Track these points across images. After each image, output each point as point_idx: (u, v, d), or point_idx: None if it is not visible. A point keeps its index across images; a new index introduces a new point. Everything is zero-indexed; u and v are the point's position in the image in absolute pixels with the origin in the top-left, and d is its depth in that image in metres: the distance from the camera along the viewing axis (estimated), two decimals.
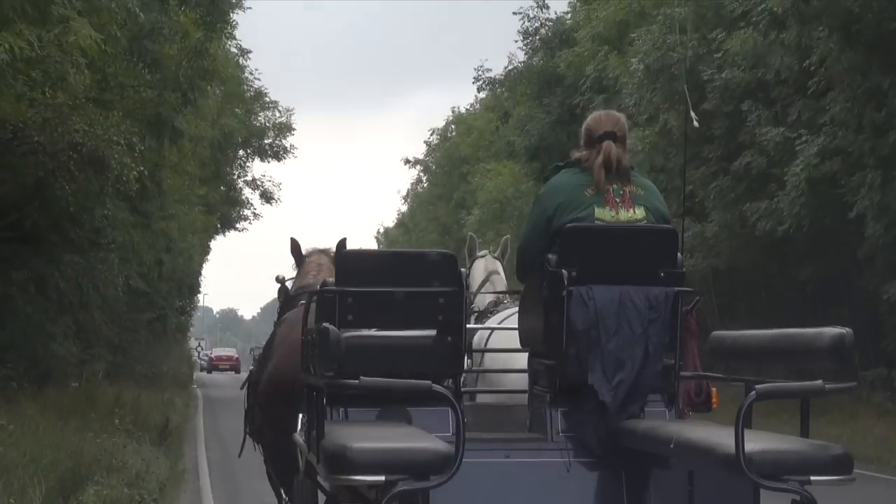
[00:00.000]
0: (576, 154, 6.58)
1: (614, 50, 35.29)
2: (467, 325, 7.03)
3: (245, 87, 50.71)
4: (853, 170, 24.86)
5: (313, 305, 6.92)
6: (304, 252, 9.90)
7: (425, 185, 79.79)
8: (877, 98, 23.44)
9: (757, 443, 4.88)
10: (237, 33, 43.70)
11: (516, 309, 7.69)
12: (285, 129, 56.71)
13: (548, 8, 42.18)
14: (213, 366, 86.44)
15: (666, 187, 33.90)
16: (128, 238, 22.62)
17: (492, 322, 9.32)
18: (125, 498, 14.05)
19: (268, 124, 55.77)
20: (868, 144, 24.18)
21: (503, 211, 50.00)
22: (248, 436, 9.68)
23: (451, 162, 70.07)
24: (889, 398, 26.59)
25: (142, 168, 19.98)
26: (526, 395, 6.83)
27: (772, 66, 27.05)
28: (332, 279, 6.70)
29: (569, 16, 41.78)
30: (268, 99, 54.86)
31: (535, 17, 41.90)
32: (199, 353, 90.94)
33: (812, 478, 4.87)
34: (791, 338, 5.73)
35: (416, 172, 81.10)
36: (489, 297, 10.14)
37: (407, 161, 80.00)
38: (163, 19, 20.36)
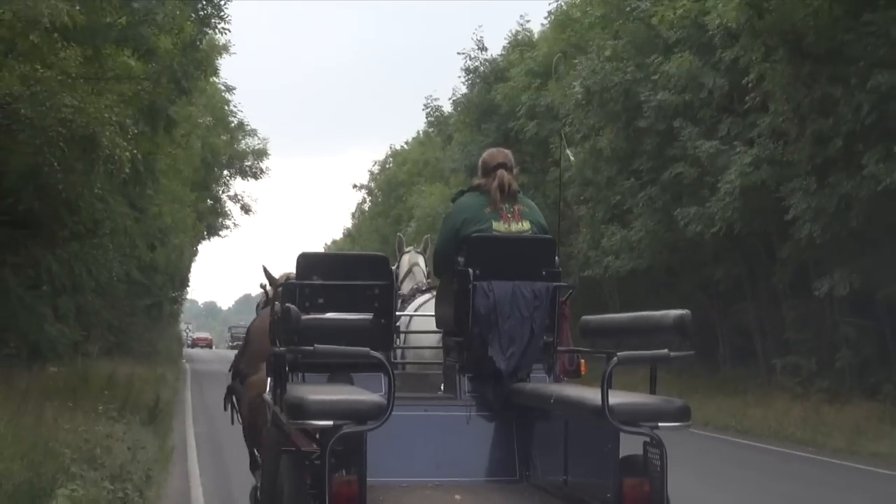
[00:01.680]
0: (476, 181, 6.40)
1: (552, 78, 30.53)
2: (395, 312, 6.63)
3: (229, 118, 45.41)
4: (784, 178, 20.16)
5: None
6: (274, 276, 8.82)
7: (368, 204, 75.07)
8: (824, 108, 18.58)
9: (617, 398, 4.77)
10: (222, 73, 39.10)
11: (430, 295, 8.24)
12: (262, 154, 50.88)
13: (486, 49, 37.20)
14: (194, 344, 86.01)
15: (594, 196, 29.44)
16: (121, 225, 16.80)
17: (411, 307, 8.96)
18: (105, 496, 9.37)
19: (248, 149, 49.96)
20: (805, 152, 19.42)
21: (434, 223, 45.55)
22: (230, 406, 8.71)
23: (389, 186, 66.23)
24: (799, 383, 22.23)
25: (135, 151, 14.47)
26: (438, 366, 6.84)
27: (706, 86, 22.20)
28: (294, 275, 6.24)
29: (501, 57, 36.77)
30: (248, 127, 49.16)
31: (475, 56, 36.92)
32: (187, 334, 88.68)
33: (660, 424, 4.75)
34: (643, 319, 5.62)
35: (362, 195, 76.37)
36: (411, 285, 9.52)
37: (354, 185, 75.67)
38: (156, 5, 14.81)
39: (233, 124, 46.37)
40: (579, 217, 29.48)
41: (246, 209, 52.09)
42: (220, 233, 54.98)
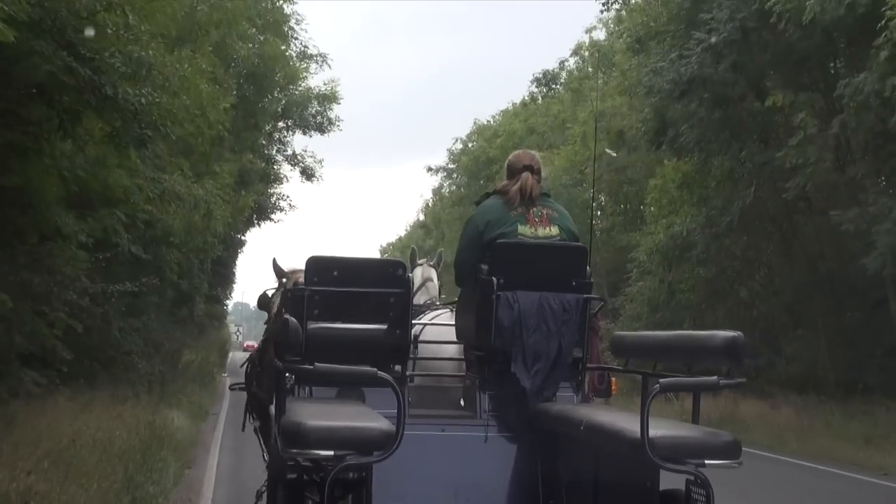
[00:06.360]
0: (500, 185, 5.66)
1: None
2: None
3: (291, 38, 30.53)
4: None
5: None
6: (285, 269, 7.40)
7: (447, 188, 60.46)
8: None
9: (659, 429, 3.94)
10: None
11: (443, 310, 7.21)
12: (330, 98, 35.66)
13: None
14: (244, 349, 74.17)
15: None
16: None
17: (424, 320, 7.34)
18: None
19: (311, 93, 34.96)
20: None
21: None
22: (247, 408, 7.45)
23: (477, 165, 52.20)
24: None
25: None
26: (454, 379, 6.03)
27: None
28: (302, 280, 5.44)
29: None
30: (315, 53, 33.79)
31: None
32: (237, 337, 78.48)
33: (706, 461, 3.96)
34: (686, 338, 4.91)
35: (438, 179, 61.71)
36: (423, 298, 8.03)
37: (429, 168, 61.07)
38: None
39: (291, 51, 31.35)
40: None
41: (308, 174, 37.10)
42: (273, 216, 40.70)
